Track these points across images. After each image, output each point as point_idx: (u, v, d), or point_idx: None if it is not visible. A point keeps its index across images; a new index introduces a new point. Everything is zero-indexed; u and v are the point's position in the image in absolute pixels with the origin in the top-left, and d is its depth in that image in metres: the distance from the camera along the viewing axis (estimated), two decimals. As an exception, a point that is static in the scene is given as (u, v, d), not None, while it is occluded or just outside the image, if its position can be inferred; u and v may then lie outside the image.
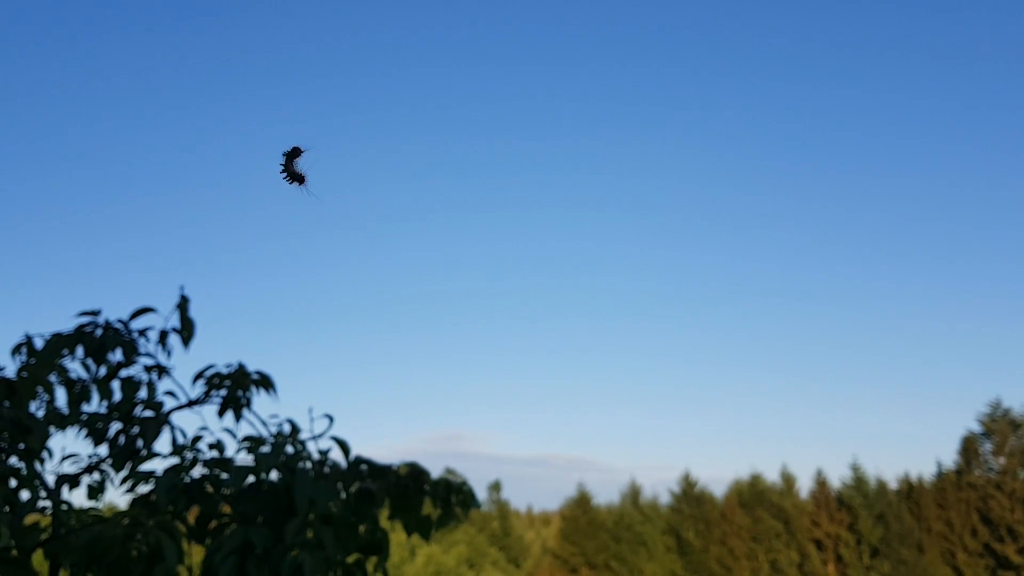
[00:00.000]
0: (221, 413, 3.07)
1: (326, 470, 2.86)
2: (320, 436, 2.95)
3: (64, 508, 2.81)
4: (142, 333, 3.08)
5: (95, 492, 3.02)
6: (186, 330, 3.09)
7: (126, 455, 2.95)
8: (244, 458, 2.88)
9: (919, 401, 50.55)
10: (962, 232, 48.50)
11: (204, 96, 50.79)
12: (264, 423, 3.03)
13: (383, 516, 2.91)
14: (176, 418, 3.04)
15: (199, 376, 3.11)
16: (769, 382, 53.58)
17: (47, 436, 2.77)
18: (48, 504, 2.77)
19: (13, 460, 2.75)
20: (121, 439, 2.98)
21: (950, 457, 36.36)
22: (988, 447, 33.53)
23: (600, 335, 53.79)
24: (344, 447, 2.92)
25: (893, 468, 61.54)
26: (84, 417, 2.95)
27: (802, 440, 51.99)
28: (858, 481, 35.09)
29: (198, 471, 2.88)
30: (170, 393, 3.07)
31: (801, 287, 50.88)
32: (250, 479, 2.79)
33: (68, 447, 2.96)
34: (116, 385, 3.01)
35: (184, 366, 3.13)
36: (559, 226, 53.11)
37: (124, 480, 2.87)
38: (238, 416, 3.06)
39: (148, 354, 3.07)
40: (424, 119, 53.44)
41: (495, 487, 42.54)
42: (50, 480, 2.87)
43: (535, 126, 52.69)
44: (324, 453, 2.93)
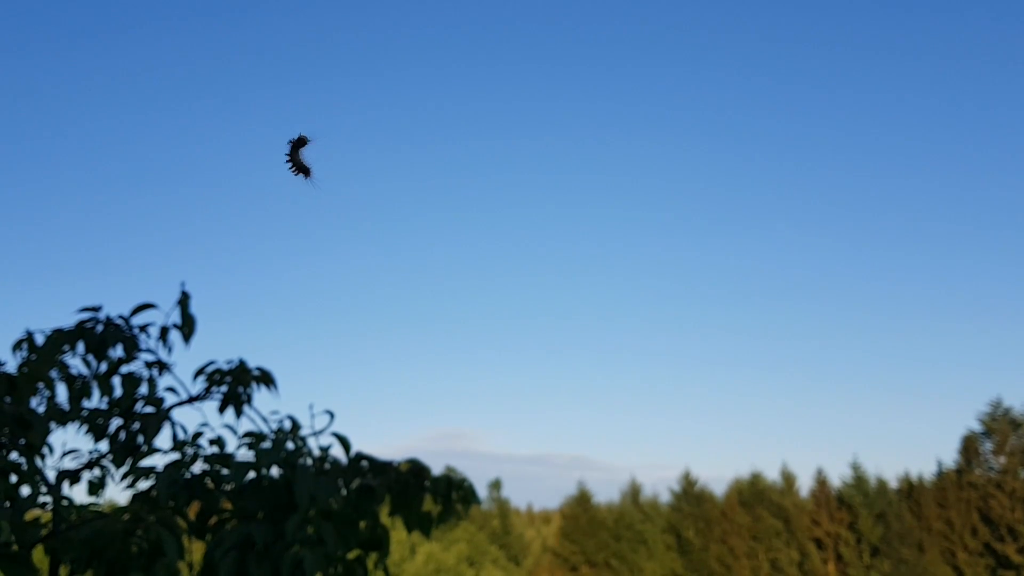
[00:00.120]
0: (222, 409, 3.07)
1: (327, 466, 2.86)
2: (321, 432, 2.95)
3: (65, 504, 2.81)
4: (143, 329, 3.08)
5: (96, 488, 3.02)
6: (187, 326, 3.09)
7: (127, 451, 2.95)
8: (245, 454, 2.88)
9: (919, 400, 50.58)
10: (963, 231, 48.52)
11: (206, 92, 50.81)
12: (265, 419, 3.04)
13: (384, 512, 2.91)
14: (177, 414, 3.05)
15: (200, 372, 3.11)
16: (769, 381, 53.62)
17: (48, 432, 2.78)
18: (49, 500, 2.77)
19: (14, 456, 2.75)
20: (122, 435, 2.98)
21: (950, 456, 36.38)
22: (988, 446, 33.55)
23: (601, 334, 53.84)
24: (345, 443, 2.92)
25: (893, 467, 61.59)
26: (85, 413, 2.95)
27: (802, 439, 52.03)
28: (858, 480, 35.11)
29: (199, 467, 2.88)
30: (171, 389, 3.07)
31: (801, 286, 50.90)
32: (251, 475, 2.79)
33: (69, 443, 2.97)
34: (117, 381, 3.01)
35: (185, 362, 3.14)
36: (560, 225, 53.15)
37: (125, 476, 2.88)
38: (239, 412, 3.06)
39: (149, 350, 3.07)
40: (426, 117, 53.46)
41: (495, 485, 42.60)
42: (51, 476, 2.87)
43: (535, 125, 52.70)
44: (325, 449, 2.93)
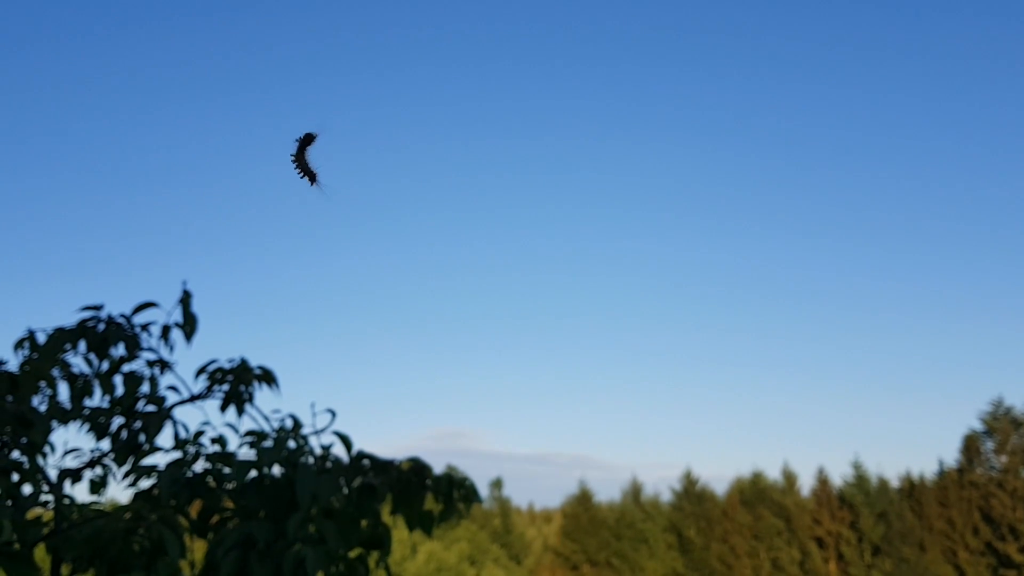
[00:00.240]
0: (223, 408, 3.07)
1: (328, 465, 2.86)
2: (322, 431, 2.95)
3: (66, 502, 2.81)
4: (144, 328, 3.08)
5: (97, 487, 3.02)
6: (188, 325, 3.09)
7: (128, 450, 2.96)
8: (246, 453, 2.88)
9: (921, 399, 50.56)
10: (964, 230, 48.50)
11: (209, 90, 50.82)
12: (266, 418, 3.04)
13: (385, 511, 2.91)
14: (178, 413, 3.05)
15: (202, 371, 3.11)
16: (771, 380, 53.61)
17: (49, 430, 2.78)
18: (50, 498, 2.77)
19: (15, 454, 2.76)
20: (123, 434, 2.98)
21: (952, 455, 36.34)
22: (990, 445, 33.55)
23: (602, 333, 53.84)
24: (346, 442, 2.92)
25: (895, 466, 61.56)
26: (86, 412, 2.95)
27: (804, 438, 52.02)
28: (860, 479, 35.11)
29: (200, 466, 2.88)
30: (172, 388, 3.08)
31: (803, 285, 50.88)
32: (252, 474, 2.79)
33: (70, 442, 2.97)
34: (118, 380, 3.01)
35: (186, 361, 3.14)
36: (560, 224, 53.15)
37: (126, 475, 2.88)
38: (240, 411, 3.06)
39: (150, 349, 3.07)
40: (426, 116, 53.47)
41: (497, 484, 42.61)
42: (52, 474, 2.87)
43: (534, 124, 52.70)
44: (326, 448, 2.93)
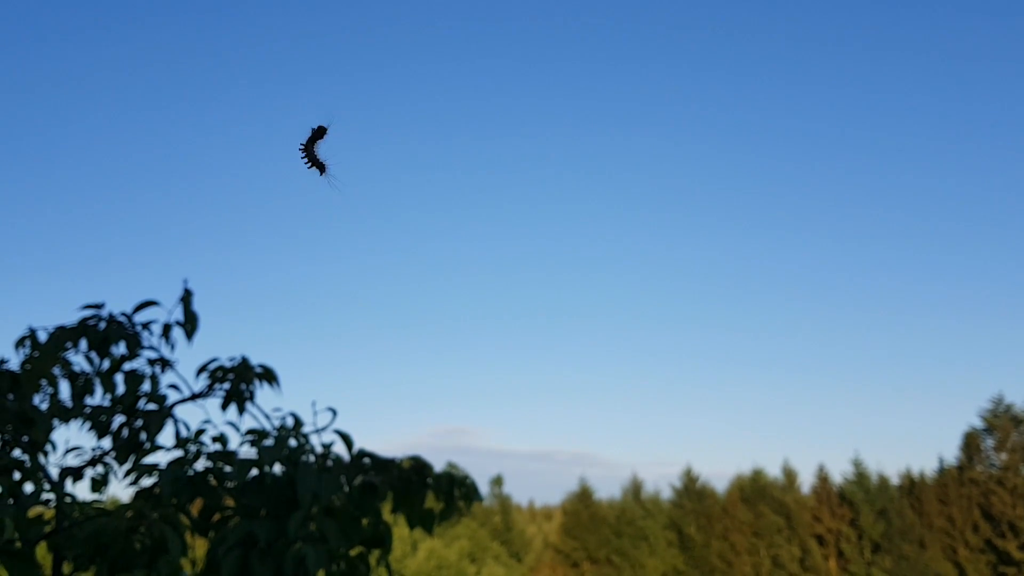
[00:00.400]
0: (224, 406, 3.07)
1: (329, 463, 2.86)
2: (323, 430, 2.95)
3: (68, 501, 2.82)
4: (145, 326, 3.09)
5: (99, 485, 3.02)
6: (189, 323, 3.09)
7: (129, 448, 2.96)
8: (247, 451, 2.89)
9: (921, 396, 50.50)
10: (964, 228, 48.45)
11: (211, 86, 50.76)
12: (267, 416, 3.04)
13: (386, 509, 2.91)
14: (179, 411, 3.05)
15: (202, 369, 3.11)
16: (771, 377, 53.61)
17: (51, 429, 2.78)
18: (52, 497, 2.77)
19: (17, 453, 2.76)
20: (124, 432, 2.98)
21: (952, 453, 36.31)
22: (990, 443, 33.53)
23: (603, 330, 53.81)
24: (347, 440, 2.92)
25: (895, 463, 61.51)
26: (88, 410, 2.96)
27: (804, 435, 51.98)
28: (860, 476, 35.11)
29: (201, 464, 2.88)
30: (173, 386, 3.08)
31: (803, 282, 50.86)
32: (253, 472, 2.79)
33: (72, 440, 2.98)
34: (119, 378, 3.02)
35: (187, 360, 3.14)
36: (561, 222, 53.12)
37: (128, 473, 2.88)
38: (241, 409, 3.07)
39: (151, 347, 3.08)
40: (427, 114, 53.40)
41: (497, 482, 42.58)
42: (54, 473, 2.88)
43: (535, 123, 52.65)
44: (327, 446, 2.94)
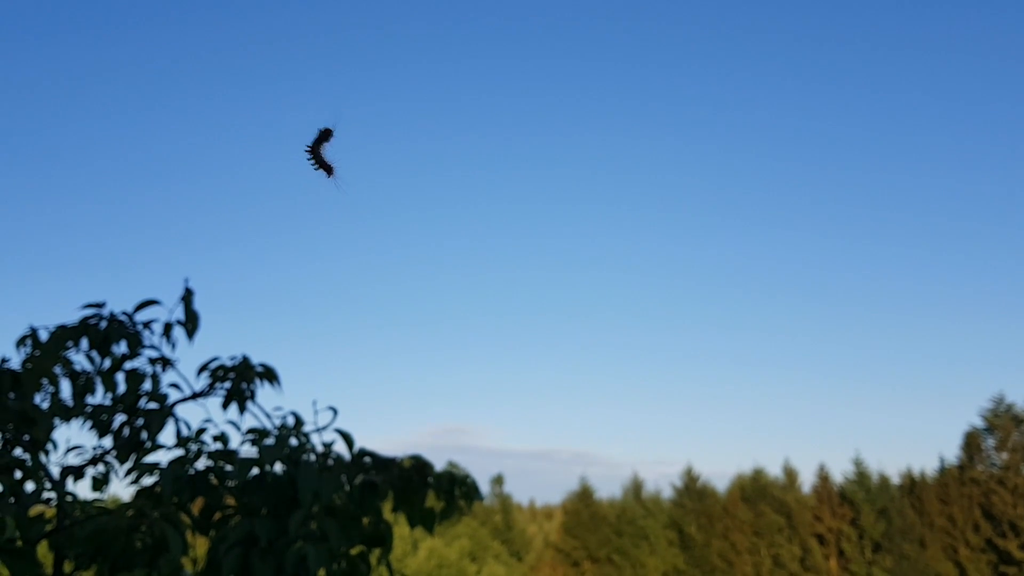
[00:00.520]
0: (225, 405, 3.07)
1: (330, 462, 2.86)
2: (324, 429, 2.95)
3: (69, 499, 2.82)
4: (146, 325, 3.09)
5: (100, 484, 3.02)
6: (190, 322, 3.09)
7: (130, 447, 2.96)
8: (248, 450, 2.89)
9: (922, 396, 50.56)
10: (965, 227, 48.43)
11: (213, 85, 50.78)
12: (268, 415, 3.04)
13: (387, 508, 2.91)
14: (180, 410, 3.05)
15: (203, 368, 3.11)
16: (772, 377, 53.62)
17: (52, 428, 2.78)
18: (53, 495, 2.78)
19: (18, 452, 2.76)
20: (125, 431, 2.98)
21: (953, 452, 36.26)
22: (991, 442, 33.54)
23: (603, 329, 53.82)
24: (348, 439, 2.92)
25: (896, 463, 61.54)
26: (89, 409, 2.96)
27: (805, 435, 52.04)
28: (860, 476, 35.11)
29: (202, 463, 2.88)
30: (174, 385, 3.08)
31: (803, 282, 50.86)
32: (254, 471, 2.79)
33: (73, 439, 2.97)
34: (120, 377, 3.01)
35: (188, 359, 3.14)
36: (562, 221, 53.11)
37: (128, 472, 2.88)
38: (242, 408, 3.07)
39: (152, 346, 3.08)
40: (427, 114, 53.40)
41: (498, 481, 42.59)
42: (55, 472, 2.88)
43: (536, 122, 52.63)
44: (328, 445, 2.93)
